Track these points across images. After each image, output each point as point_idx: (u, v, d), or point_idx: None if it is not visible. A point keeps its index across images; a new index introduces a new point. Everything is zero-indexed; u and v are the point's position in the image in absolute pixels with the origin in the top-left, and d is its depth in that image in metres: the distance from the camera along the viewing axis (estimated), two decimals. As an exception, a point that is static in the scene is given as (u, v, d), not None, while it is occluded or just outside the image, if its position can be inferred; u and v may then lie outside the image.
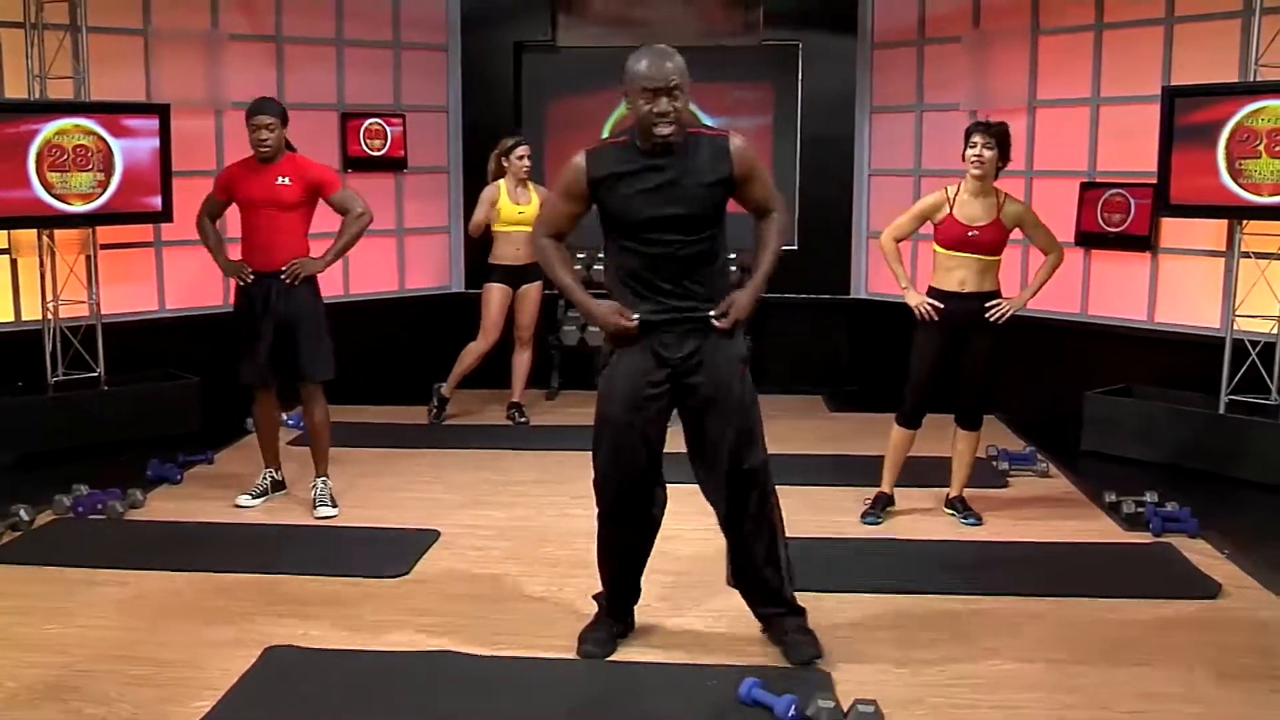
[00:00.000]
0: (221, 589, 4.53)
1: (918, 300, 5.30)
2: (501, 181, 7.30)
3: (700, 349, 3.74)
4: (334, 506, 5.54)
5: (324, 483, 5.62)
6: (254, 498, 5.66)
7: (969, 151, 5.16)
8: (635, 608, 4.12)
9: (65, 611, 4.30)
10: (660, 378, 3.75)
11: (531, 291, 7.36)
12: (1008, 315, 5.23)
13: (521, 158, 7.27)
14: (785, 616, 3.96)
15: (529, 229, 7.17)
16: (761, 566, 3.91)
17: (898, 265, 5.39)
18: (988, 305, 5.23)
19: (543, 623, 4.21)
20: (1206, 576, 4.66)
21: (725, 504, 3.85)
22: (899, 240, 5.41)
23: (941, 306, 5.24)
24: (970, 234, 5.18)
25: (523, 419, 7.44)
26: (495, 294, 7.34)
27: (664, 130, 3.58)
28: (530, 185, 7.31)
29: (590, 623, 4.05)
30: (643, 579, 4.08)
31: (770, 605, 3.98)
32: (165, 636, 4.09)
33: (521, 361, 7.51)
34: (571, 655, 3.94)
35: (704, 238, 3.71)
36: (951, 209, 5.21)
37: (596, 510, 3.93)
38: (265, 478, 5.74)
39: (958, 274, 5.24)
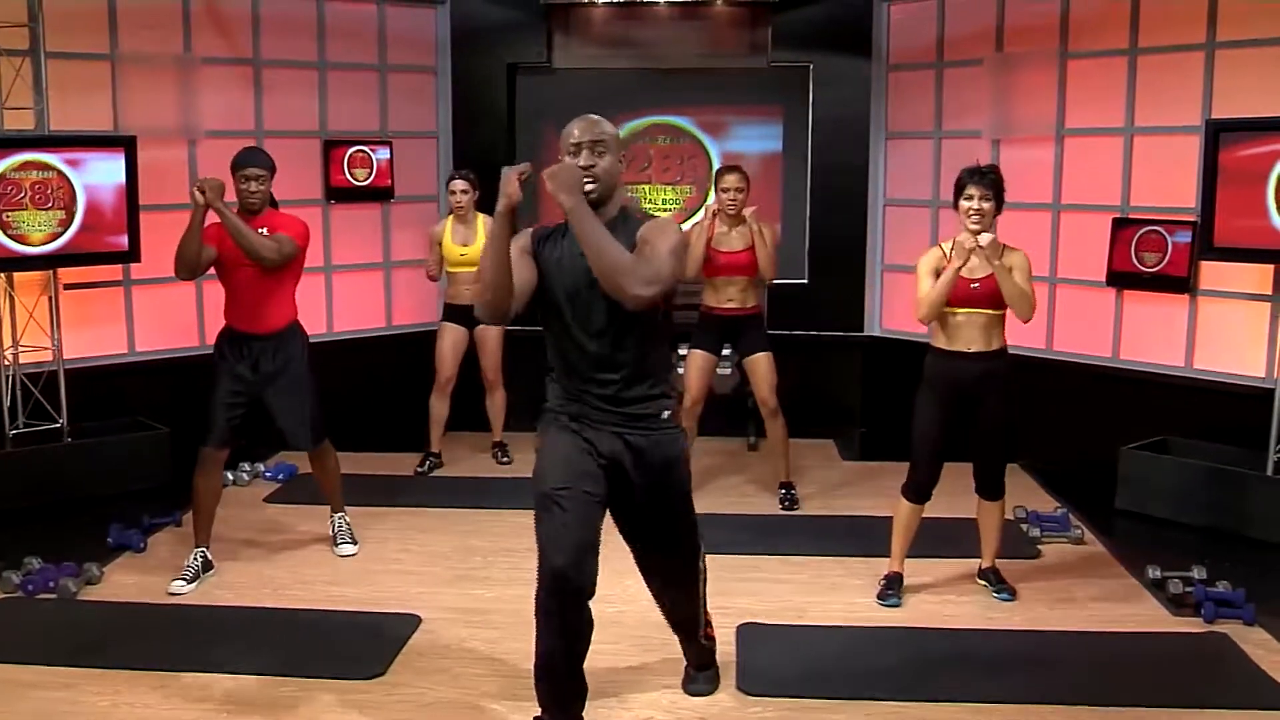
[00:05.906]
0: (169, 695, 4.06)
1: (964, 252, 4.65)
2: (450, 218, 6.86)
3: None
4: (355, 543, 5.58)
5: (342, 519, 5.63)
6: (188, 582, 5.08)
7: (965, 204, 4.69)
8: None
9: (-7, 729, 3.85)
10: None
11: (490, 334, 6.88)
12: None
13: (453, 192, 6.77)
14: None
15: (475, 270, 6.77)
16: (682, 632, 4.13)
17: (945, 291, 4.71)
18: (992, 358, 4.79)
19: (529, 744, 3.76)
20: (1272, 680, 4.19)
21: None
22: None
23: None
24: (973, 286, 4.72)
25: (506, 459, 7.09)
26: (443, 334, 6.95)
27: (587, 186, 3.49)
28: (480, 220, 6.77)
29: None
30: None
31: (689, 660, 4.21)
32: (103, 763, 3.63)
33: (494, 402, 7.09)
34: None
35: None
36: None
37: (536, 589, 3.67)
38: (196, 557, 5.19)
39: (964, 333, 4.78)
